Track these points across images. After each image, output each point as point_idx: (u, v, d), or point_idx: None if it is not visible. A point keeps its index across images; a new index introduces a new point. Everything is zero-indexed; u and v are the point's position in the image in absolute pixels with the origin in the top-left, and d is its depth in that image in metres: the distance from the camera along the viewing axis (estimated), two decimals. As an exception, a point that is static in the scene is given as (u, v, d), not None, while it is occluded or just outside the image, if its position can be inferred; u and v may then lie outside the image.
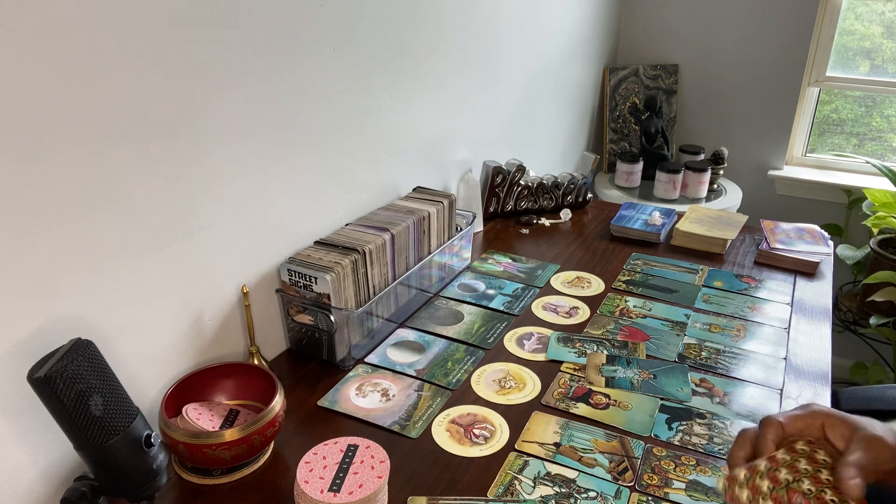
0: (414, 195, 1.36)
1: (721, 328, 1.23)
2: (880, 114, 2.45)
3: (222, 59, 0.92)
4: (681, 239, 1.57)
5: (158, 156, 0.87)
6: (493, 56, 1.68)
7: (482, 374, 1.10)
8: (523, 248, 1.56)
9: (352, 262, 1.08)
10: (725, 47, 2.48)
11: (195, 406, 0.93)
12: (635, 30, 2.61)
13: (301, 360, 1.13)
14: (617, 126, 2.59)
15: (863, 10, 2.34)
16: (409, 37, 1.33)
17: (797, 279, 1.42)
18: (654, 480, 0.88)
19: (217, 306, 1.02)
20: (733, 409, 1.02)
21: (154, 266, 0.90)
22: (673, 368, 1.11)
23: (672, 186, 2.31)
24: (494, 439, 0.95)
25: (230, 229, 1.01)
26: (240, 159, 0.99)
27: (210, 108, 0.92)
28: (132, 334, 0.89)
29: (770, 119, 2.50)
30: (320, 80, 1.11)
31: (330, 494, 0.75)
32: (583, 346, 1.17)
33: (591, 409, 1.01)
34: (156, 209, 0.88)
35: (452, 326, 1.23)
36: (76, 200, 0.78)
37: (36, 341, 0.77)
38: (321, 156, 1.16)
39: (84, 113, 0.76)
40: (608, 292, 1.36)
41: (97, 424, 0.71)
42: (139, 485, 0.76)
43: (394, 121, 1.34)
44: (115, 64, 0.78)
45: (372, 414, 1.00)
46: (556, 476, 0.88)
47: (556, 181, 1.74)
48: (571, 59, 2.19)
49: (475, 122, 1.67)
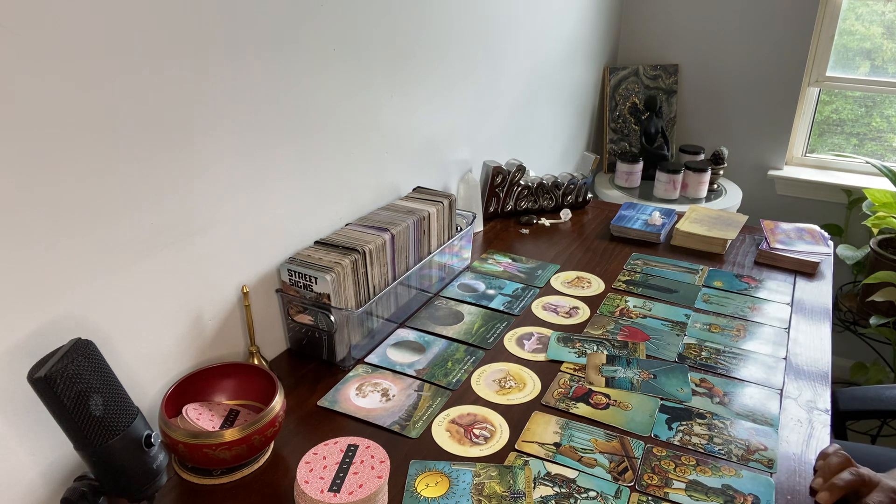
0: (414, 195, 1.36)
1: (721, 328, 1.23)
2: (880, 114, 2.45)
3: (221, 59, 0.92)
4: (681, 239, 1.57)
5: (158, 156, 0.87)
6: (493, 56, 1.68)
7: (482, 375, 1.10)
8: (523, 248, 1.56)
9: (352, 262, 1.08)
10: (725, 47, 2.48)
11: (195, 406, 0.93)
12: (635, 30, 2.61)
13: (301, 360, 1.13)
14: (617, 126, 2.59)
15: (863, 11, 2.34)
16: (410, 37, 1.33)
17: (797, 279, 1.42)
18: (654, 480, 0.88)
19: (217, 306, 1.02)
20: (733, 409, 1.02)
21: (154, 266, 0.90)
22: (673, 368, 1.11)
23: (672, 186, 2.31)
24: (494, 439, 0.95)
25: (230, 229, 1.01)
26: (239, 159, 0.99)
27: (209, 108, 0.92)
28: (132, 334, 0.89)
29: (770, 119, 2.50)
30: (320, 80, 1.11)
31: (330, 494, 0.75)
32: (583, 346, 1.17)
33: (591, 409, 1.01)
34: (156, 209, 0.88)
35: (452, 326, 1.23)
36: (76, 201, 0.78)
37: (36, 341, 0.77)
38: (321, 156, 1.16)
39: (86, 115, 0.76)
40: (608, 292, 1.36)
41: (97, 424, 0.71)
42: (139, 485, 0.76)
43: (394, 121, 1.34)
44: (115, 64, 0.78)
45: (372, 414, 1.00)
46: (556, 476, 0.88)
47: (556, 181, 1.74)
48: (571, 59, 2.19)
49: (475, 122, 1.67)
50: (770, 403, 1.03)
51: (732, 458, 0.92)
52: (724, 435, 0.96)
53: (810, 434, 0.97)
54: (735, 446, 0.94)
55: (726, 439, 0.95)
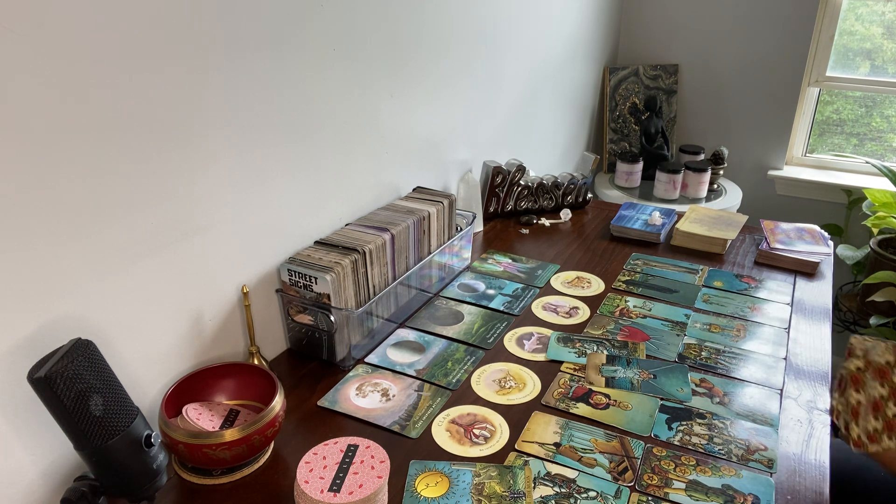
0: (414, 195, 1.36)
1: (721, 328, 1.23)
2: (880, 114, 2.45)
3: (222, 59, 0.92)
4: (681, 239, 1.57)
5: (158, 156, 0.87)
6: (493, 56, 1.68)
7: (482, 374, 1.10)
8: (523, 248, 1.56)
9: (352, 262, 1.08)
10: (725, 47, 2.48)
11: (195, 406, 0.93)
12: (635, 30, 2.61)
13: (301, 360, 1.13)
14: (617, 126, 2.59)
15: (863, 11, 2.34)
16: (410, 37, 1.33)
17: (797, 279, 1.42)
18: (654, 480, 0.88)
19: (217, 306, 1.02)
20: (733, 409, 1.02)
21: (154, 266, 0.90)
22: (673, 368, 1.11)
23: (672, 186, 2.31)
24: (494, 439, 0.95)
25: (230, 229, 1.01)
26: (239, 159, 0.99)
27: (209, 108, 0.92)
28: (132, 334, 0.89)
29: (770, 119, 2.50)
30: (320, 80, 1.11)
31: (330, 494, 0.75)
32: (583, 346, 1.17)
33: (591, 409, 1.01)
34: (156, 209, 0.88)
35: (452, 326, 1.23)
36: (77, 201, 0.78)
37: (36, 341, 0.77)
38: (321, 155, 1.16)
39: (86, 116, 0.76)
40: (608, 292, 1.36)
41: (97, 424, 0.71)
42: (139, 485, 0.76)
43: (394, 120, 1.34)
44: (115, 64, 0.78)
45: (372, 414, 1.00)
46: (556, 476, 0.88)
47: (556, 181, 1.74)
48: (571, 59, 2.19)
49: (475, 122, 1.67)
50: (770, 403, 1.03)
51: (732, 458, 0.92)
52: (724, 435, 0.96)
53: (810, 434, 0.97)
54: (735, 446, 0.94)
55: (726, 439, 0.95)
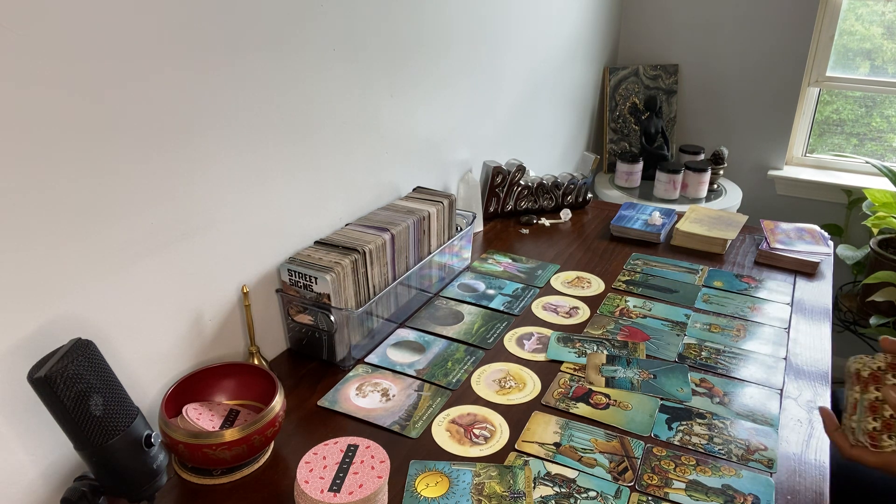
0: (414, 195, 1.36)
1: (721, 328, 1.23)
2: (880, 114, 2.45)
3: (222, 59, 0.92)
4: (681, 239, 1.57)
5: (158, 156, 0.87)
6: (493, 56, 1.68)
7: (482, 374, 1.10)
8: (523, 248, 1.56)
9: (352, 262, 1.08)
10: (725, 47, 2.48)
11: (195, 406, 0.93)
12: (635, 30, 2.61)
13: (301, 360, 1.13)
14: (617, 126, 2.59)
15: (863, 11, 2.34)
16: (410, 37, 1.33)
17: (797, 279, 1.42)
18: (654, 480, 0.88)
19: (217, 306, 1.02)
20: (733, 409, 1.02)
21: (154, 266, 0.90)
22: (673, 368, 1.11)
23: (672, 186, 2.31)
24: (494, 439, 0.95)
25: (230, 229, 1.01)
26: (239, 159, 0.99)
27: (209, 108, 0.92)
28: (132, 334, 0.89)
29: (770, 119, 2.50)
30: (320, 81, 1.11)
31: (330, 494, 0.75)
32: (583, 346, 1.17)
33: (591, 409, 1.01)
34: (156, 209, 0.88)
35: (452, 326, 1.23)
36: (77, 201, 0.78)
37: (36, 341, 0.77)
38: (321, 156, 1.16)
39: (86, 116, 0.76)
40: (608, 292, 1.36)
41: (97, 424, 0.71)
42: (139, 485, 0.76)
43: (394, 121, 1.34)
44: (115, 64, 0.78)
45: (372, 414, 1.00)
46: (556, 476, 0.88)
47: (556, 181, 1.74)
48: (571, 59, 2.19)
49: (475, 122, 1.67)
50: (770, 403, 1.03)
51: (732, 458, 0.92)
52: (724, 435, 0.96)
53: (810, 434, 0.97)
54: (735, 446, 0.94)
55: (726, 439, 0.95)
